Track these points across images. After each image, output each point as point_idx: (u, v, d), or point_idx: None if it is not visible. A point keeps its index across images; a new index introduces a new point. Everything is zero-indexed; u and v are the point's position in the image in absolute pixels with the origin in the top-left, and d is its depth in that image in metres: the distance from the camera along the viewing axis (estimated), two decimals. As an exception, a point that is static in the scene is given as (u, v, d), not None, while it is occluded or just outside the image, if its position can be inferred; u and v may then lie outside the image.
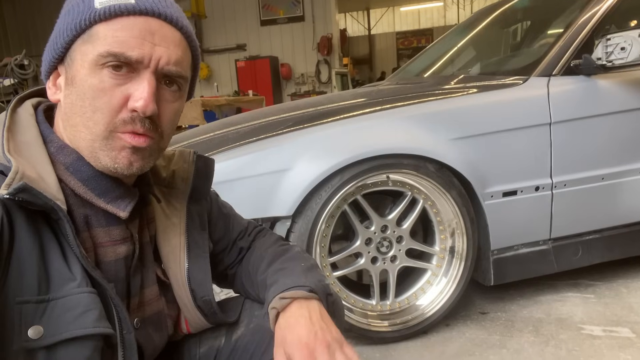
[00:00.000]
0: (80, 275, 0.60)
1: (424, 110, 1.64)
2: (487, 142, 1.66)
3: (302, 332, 0.69)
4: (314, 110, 1.83)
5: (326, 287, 0.79)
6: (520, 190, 1.71)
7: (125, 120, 0.62)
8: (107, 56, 0.60)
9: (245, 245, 0.90)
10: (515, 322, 1.75)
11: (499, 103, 1.69)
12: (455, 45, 2.69)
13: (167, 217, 0.78)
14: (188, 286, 0.77)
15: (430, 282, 1.73)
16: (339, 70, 10.02)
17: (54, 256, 0.59)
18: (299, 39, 10.34)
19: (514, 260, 1.77)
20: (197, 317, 0.79)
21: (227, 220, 0.91)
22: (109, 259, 0.67)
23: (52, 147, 0.65)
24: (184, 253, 0.77)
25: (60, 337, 0.57)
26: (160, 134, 0.67)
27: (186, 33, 0.67)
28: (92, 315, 0.59)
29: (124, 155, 0.63)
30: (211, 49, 10.80)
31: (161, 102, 0.65)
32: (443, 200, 1.64)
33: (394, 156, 1.55)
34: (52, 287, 0.58)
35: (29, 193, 0.56)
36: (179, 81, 0.67)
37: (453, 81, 2.00)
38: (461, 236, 1.68)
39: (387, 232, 1.65)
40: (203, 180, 0.83)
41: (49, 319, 0.57)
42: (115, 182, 0.67)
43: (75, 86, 0.62)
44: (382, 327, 1.64)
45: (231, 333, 0.84)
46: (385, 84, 2.59)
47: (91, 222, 0.66)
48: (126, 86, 0.62)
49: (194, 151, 0.84)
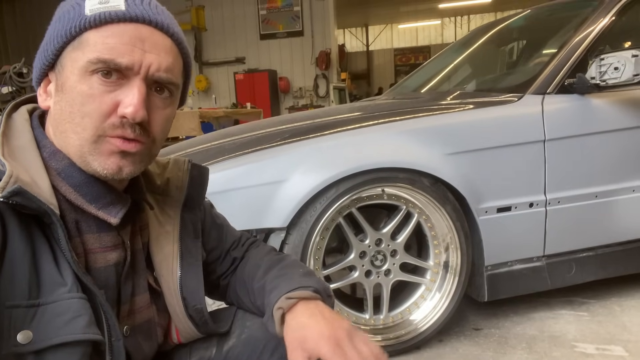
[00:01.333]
0: (71, 280, 0.59)
1: (420, 125, 1.66)
2: (482, 157, 1.67)
3: (322, 327, 0.70)
4: (310, 122, 1.84)
5: (327, 289, 0.79)
6: (515, 206, 1.72)
7: (114, 125, 0.62)
8: (96, 63, 0.60)
9: (238, 255, 0.90)
10: (508, 339, 1.74)
11: (494, 119, 1.70)
12: (452, 62, 2.73)
13: (160, 225, 0.78)
14: (180, 294, 0.76)
15: (424, 297, 1.72)
16: (337, 85, 10.08)
17: (46, 261, 0.59)
18: (298, 53, 10.42)
19: (507, 277, 1.77)
20: (188, 326, 0.78)
21: (220, 231, 0.90)
22: (99, 266, 0.67)
23: (45, 152, 0.65)
24: (176, 261, 0.77)
25: (49, 342, 0.56)
26: (152, 140, 0.66)
27: (177, 40, 0.67)
28: (81, 321, 0.59)
29: (113, 160, 0.63)
30: (210, 62, 10.86)
31: (151, 109, 0.65)
32: (438, 214, 1.65)
33: (389, 170, 1.56)
34: (43, 292, 0.57)
35: (23, 196, 0.56)
36: (170, 88, 0.67)
37: (449, 97, 2.02)
38: (455, 251, 1.68)
39: (381, 245, 1.65)
40: (197, 189, 0.83)
41: (39, 323, 0.56)
42: (106, 188, 0.67)
43: (65, 92, 0.63)
44: (375, 341, 1.63)
45: (222, 343, 0.83)
46: (382, 98, 2.61)
47: (82, 228, 0.66)
48: (116, 93, 0.62)
49: (188, 160, 0.84)
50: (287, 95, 10.66)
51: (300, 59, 10.45)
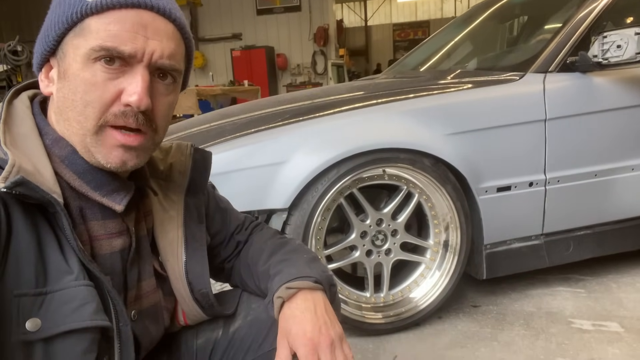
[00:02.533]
0: (77, 268, 0.60)
1: (421, 105, 1.65)
2: (482, 137, 1.67)
3: (307, 326, 0.71)
4: (310, 103, 1.84)
5: (330, 278, 0.80)
6: (514, 185, 1.73)
7: (116, 114, 0.61)
8: (99, 50, 0.60)
9: (242, 239, 0.91)
10: (506, 316, 1.78)
11: (495, 99, 1.70)
12: (453, 40, 2.69)
13: (164, 210, 0.78)
14: (185, 279, 0.77)
15: (423, 276, 1.75)
16: (335, 62, 9.97)
17: (51, 249, 0.59)
18: (295, 29, 10.27)
19: (506, 255, 1.79)
20: (195, 309, 0.79)
21: (224, 214, 0.91)
22: (105, 252, 0.67)
23: (47, 140, 0.64)
24: (181, 246, 0.77)
25: (57, 329, 0.57)
26: (155, 129, 0.66)
27: (179, 25, 0.66)
28: (89, 308, 0.59)
29: (116, 154, 0.63)
30: (206, 38, 10.71)
31: (155, 96, 0.64)
32: (438, 194, 1.66)
33: (390, 150, 1.56)
34: (50, 280, 0.58)
35: (25, 187, 0.56)
36: (173, 74, 0.66)
37: (450, 76, 2.01)
38: (455, 230, 1.70)
39: (382, 225, 1.66)
40: (201, 173, 0.83)
41: (47, 311, 0.57)
42: (110, 176, 0.67)
43: (67, 80, 0.62)
44: (376, 319, 1.66)
45: (228, 325, 0.85)
46: (382, 77, 2.59)
47: (87, 215, 0.66)
48: (119, 80, 0.61)
49: (191, 144, 0.84)
50: (284, 72, 10.56)
51: (297, 35, 10.31)
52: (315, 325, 0.71)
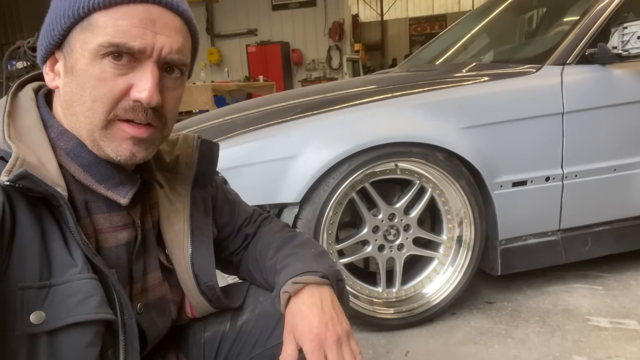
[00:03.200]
0: (82, 261, 0.60)
1: (434, 98, 1.63)
2: (497, 131, 1.64)
3: (314, 321, 0.70)
4: (322, 97, 1.82)
5: (337, 273, 0.79)
6: (530, 180, 1.70)
7: (126, 109, 0.62)
8: (108, 46, 0.59)
9: (250, 232, 0.90)
10: (521, 312, 1.75)
11: (511, 92, 1.66)
12: (469, 32, 2.65)
13: (170, 203, 0.78)
14: (192, 271, 0.77)
15: (436, 271, 1.73)
16: (351, 57, 9.92)
17: (56, 242, 0.59)
18: (311, 24, 10.25)
19: (521, 251, 1.76)
20: (201, 302, 0.79)
21: (232, 207, 0.90)
22: (110, 245, 0.67)
23: (52, 132, 0.64)
24: (187, 239, 0.77)
25: (62, 322, 0.57)
26: (164, 123, 0.66)
27: (187, 18, 0.66)
28: (93, 301, 0.59)
29: (126, 147, 0.63)
30: (222, 34, 10.75)
31: (164, 91, 0.64)
32: (451, 189, 1.63)
33: (403, 144, 1.54)
34: (54, 273, 0.58)
35: (29, 180, 0.56)
36: (181, 68, 0.66)
37: (464, 69, 1.98)
38: (469, 226, 1.67)
39: (394, 220, 1.65)
40: (207, 165, 0.82)
41: (51, 304, 0.57)
42: (116, 168, 0.66)
43: (75, 75, 0.62)
44: (388, 314, 1.65)
45: (236, 318, 0.84)
46: (396, 71, 2.56)
47: (92, 208, 0.66)
48: (128, 76, 0.61)
49: (198, 136, 0.83)
50: (300, 68, 10.55)
51: (313, 30, 10.29)
52: (321, 321, 0.70)
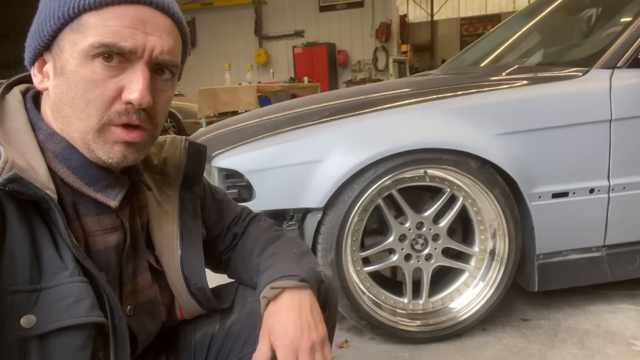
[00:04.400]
0: (72, 264, 0.60)
1: (468, 102, 1.55)
2: (536, 138, 1.54)
3: (289, 326, 0.71)
4: (353, 100, 1.79)
5: (318, 274, 0.79)
6: (573, 191, 1.59)
7: (119, 112, 0.61)
8: (99, 47, 0.59)
9: (239, 231, 0.90)
10: (558, 332, 1.64)
11: (553, 97, 1.56)
12: (516, 33, 2.52)
13: (159, 205, 0.78)
14: (181, 273, 0.77)
15: (467, 284, 1.65)
16: (397, 58, 9.79)
17: (46, 246, 0.59)
18: (357, 25, 10.20)
19: (561, 267, 1.65)
20: (191, 303, 0.79)
21: (220, 207, 0.91)
22: (99, 248, 0.67)
23: (41, 135, 0.64)
24: (177, 241, 0.77)
25: (52, 326, 0.57)
26: (155, 125, 0.66)
27: (177, 20, 0.65)
28: (84, 305, 0.59)
29: (117, 149, 0.63)
30: (270, 35, 10.90)
31: (155, 93, 0.64)
32: (485, 198, 1.55)
33: (432, 151, 1.48)
34: (44, 277, 0.58)
35: (19, 183, 0.56)
36: (172, 69, 0.66)
37: (505, 72, 1.88)
38: (503, 238, 1.58)
39: (422, 229, 1.58)
40: (195, 168, 0.83)
41: (42, 308, 0.57)
42: (104, 171, 0.66)
43: (65, 76, 0.61)
44: (413, 326, 1.59)
45: (225, 319, 0.85)
46: (434, 73, 2.48)
47: (81, 211, 0.66)
48: (119, 77, 0.61)
49: (185, 138, 0.84)
50: (345, 69, 10.53)
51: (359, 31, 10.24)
52: (297, 326, 0.71)
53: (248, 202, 1.50)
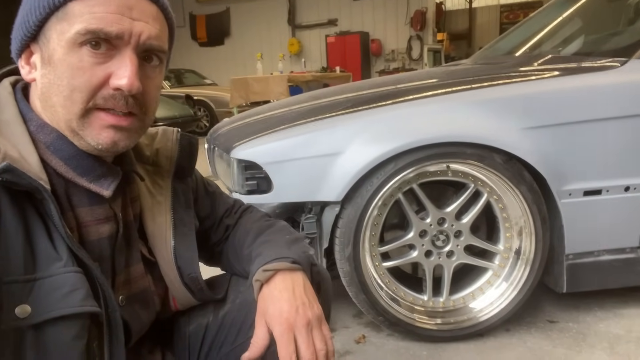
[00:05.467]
0: (66, 254, 0.60)
1: (495, 94, 1.48)
2: (568, 133, 1.46)
3: (284, 306, 0.71)
4: (375, 91, 1.74)
5: (310, 258, 0.79)
6: (606, 189, 1.50)
7: (105, 97, 0.61)
8: (85, 34, 0.59)
9: (231, 223, 0.91)
10: (587, 336, 1.56)
11: (587, 88, 1.47)
12: (554, 20, 2.40)
13: (152, 196, 0.78)
14: (175, 264, 0.77)
15: (490, 283, 1.59)
16: (432, 47, 9.56)
17: (40, 236, 0.59)
18: (392, 14, 10.02)
19: (592, 268, 1.57)
20: (185, 294, 0.79)
21: (213, 199, 0.91)
22: (93, 238, 0.67)
23: (31, 126, 0.64)
24: (170, 231, 0.77)
25: (47, 315, 0.57)
26: (145, 112, 0.66)
27: (162, 6, 0.66)
28: (78, 295, 0.59)
29: (106, 135, 0.63)
30: (303, 25, 10.86)
31: (143, 80, 0.63)
32: (510, 195, 1.49)
33: (455, 144, 1.43)
34: (39, 267, 0.58)
35: (12, 173, 0.56)
36: (160, 55, 0.66)
37: (537, 62, 1.79)
38: (529, 236, 1.52)
39: (444, 225, 1.54)
40: (187, 159, 0.83)
41: (36, 298, 0.57)
42: (97, 161, 0.66)
43: (52, 65, 0.61)
44: (431, 324, 1.55)
45: (218, 309, 0.85)
46: (465, 63, 2.40)
47: (74, 201, 0.66)
48: (107, 64, 0.61)
49: (177, 130, 0.84)
50: (378, 58, 10.38)
51: (394, 19, 10.06)
52: (292, 305, 0.71)
53: (266, 194, 1.50)
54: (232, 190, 1.59)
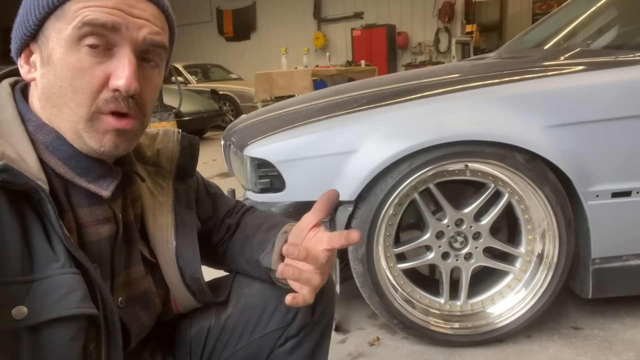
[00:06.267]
0: (64, 255, 0.59)
1: (517, 90, 1.42)
2: (595, 131, 1.38)
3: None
4: (392, 87, 1.70)
5: None
6: (637, 191, 1.42)
7: (107, 100, 0.61)
8: (81, 27, 0.58)
9: (233, 222, 0.91)
10: (613, 344, 1.49)
11: (615, 84, 1.39)
12: (586, 11, 2.28)
13: (153, 196, 0.78)
14: (176, 264, 0.77)
15: (511, 287, 1.53)
16: (460, 39, 9.35)
17: (37, 237, 0.59)
18: (419, 6, 9.83)
19: (620, 273, 1.49)
20: (186, 295, 0.79)
21: (214, 199, 0.91)
22: (92, 239, 0.67)
23: (30, 126, 0.64)
24: (171, 231, 0.77)
25: (44, 317, 0.57)
26: (144, 113, 0.66)
27: (162, 7, 0.65)
28: (76, 296, 0.58)
29: (109, 138, 0.63)
30: (329, 18, 10.78)
31: (142, 80, 0.63)
32: (533, 196, 1.42)
33: (474, 143, 1.37)
34: (36, 268, 0.58)
35: (9, 173, 0.55)
36: (160, 52, 0.65)
37: (564, 56, 1.70)
38: (552, 240, 1.45)
39: (462, 226, 1.48)
40: (188, 159, 0.84)
41: (33, 299, 0.57)
42: (96, 161, 0.66)
43: (52, 65, 0.61)
44: (447, 328, 1.50)
45: (220, 313, 0.84)
46: (490, 56, 2.31)
47: (73, 201, 0.65)
48: (106, 64, 0.61)
49: (178, 130, 0.84)
50: (405, 52, 10.22)
51: (421, 11, 9.87)
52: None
53: (279, 192, 1.47)
54: (246, 188, 1.58)
